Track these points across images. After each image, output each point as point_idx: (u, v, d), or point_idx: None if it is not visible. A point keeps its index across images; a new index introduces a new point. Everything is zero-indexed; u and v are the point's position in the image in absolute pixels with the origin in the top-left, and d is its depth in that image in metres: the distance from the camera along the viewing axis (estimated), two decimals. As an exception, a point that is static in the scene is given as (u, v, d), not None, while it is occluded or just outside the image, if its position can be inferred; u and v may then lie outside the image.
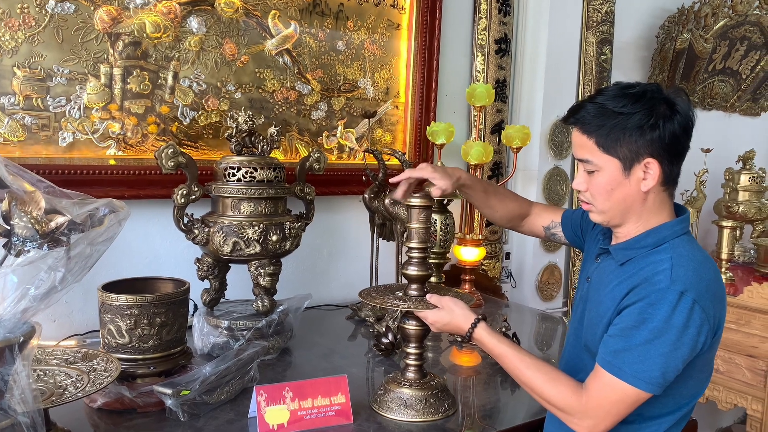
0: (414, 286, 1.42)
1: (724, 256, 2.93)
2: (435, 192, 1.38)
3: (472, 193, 1.52)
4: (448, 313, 1.32)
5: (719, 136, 3.60)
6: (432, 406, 1.40)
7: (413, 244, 1.40)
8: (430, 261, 2.13)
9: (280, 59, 2.13)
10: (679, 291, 1.08)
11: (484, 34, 2.61)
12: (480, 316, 1.30)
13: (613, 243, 1.26)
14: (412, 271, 1.41)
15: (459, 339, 1.93)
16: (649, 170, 1.14)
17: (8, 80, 1.69)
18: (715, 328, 1.12)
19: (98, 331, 1.50)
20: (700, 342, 1.09)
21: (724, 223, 2.98)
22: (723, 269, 2.92)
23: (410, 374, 1.44)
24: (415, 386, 1.42)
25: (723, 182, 3.28)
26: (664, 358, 1.07)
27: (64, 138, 1.79)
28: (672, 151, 1.14)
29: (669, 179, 1.17)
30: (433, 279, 2.05)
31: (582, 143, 1.18)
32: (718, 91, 3.61)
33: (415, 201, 1.38)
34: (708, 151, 3.14)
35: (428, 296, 1.37)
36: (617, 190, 1.17)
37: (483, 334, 1.28)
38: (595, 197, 1.20)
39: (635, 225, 1.20)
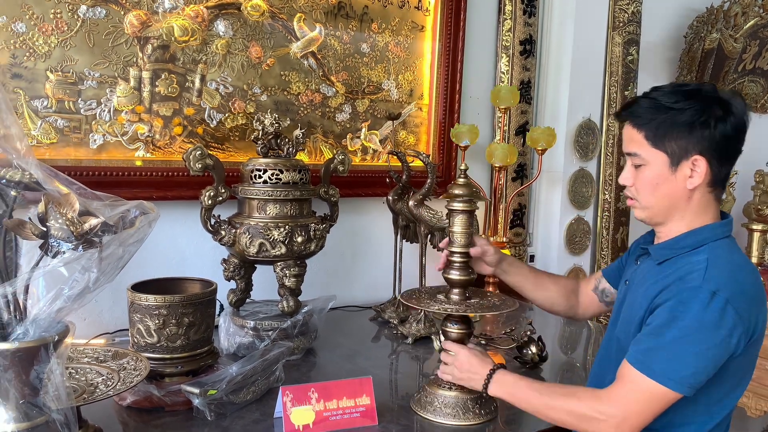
0: (456, 290, 1.42)
1: (754, 259, 2.88)
2: (474, 251, 1.42)
3: (517, 271, 1.52)
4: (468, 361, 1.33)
5: (749, 138, 3.49)
6: (470, 411, 1.39)
7: (455, 249, 1.41)
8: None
9: (305, 62, 2.14)
10: (711, 290, 1.07)
11: (509, 35, 2.59)
12: (495, 367, 1.31)
13: (654, 243, 1.25)
14: (455, 275, 1.41)
15: (483, 342, 1.93)
16: (697, 168, 1.14)
17: (41, 84, 1.73)
18: (751, 331, 1.10)
19: (127, 329, 1.53)
20: (732, 344, 1.07)
21: (754, 227, 2.92)
22: (753, 273, 2.86)
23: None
24: (456, 389, 1.41)
25: (753, 185, 3.22)
26: (695, 357, 1.06)
27: (95, 140, 1.82)
28: (722, 152, 1.14)
29: (716, 180, 1.17)
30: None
31: (632, 137, 1.19)
32: (748, 91, 3.54)
33: (458, 206, 1.39)
34: (737, 152, 3.08)
35: (445, 344, 1.39)
36: (663, 186, 1.17)
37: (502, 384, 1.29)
38: (639, 191, 1.20)
39: (678, 224, 1.19)
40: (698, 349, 1.06)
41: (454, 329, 1.41)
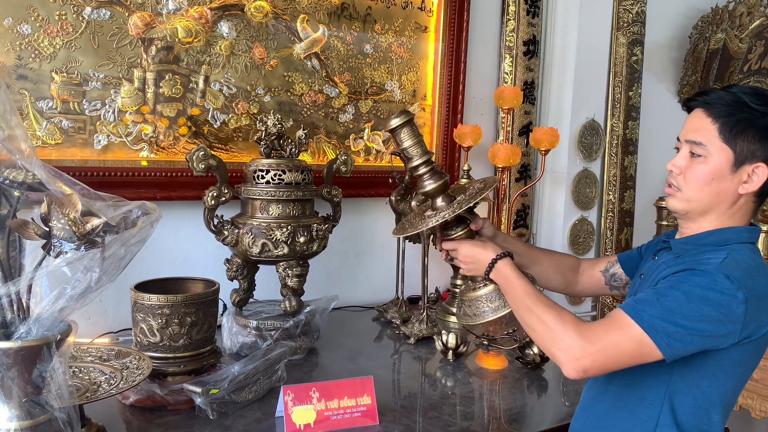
0: (438, 198, 1.35)
1: (759, 260, 2.86)
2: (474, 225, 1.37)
3: (512, 247, 1.45)
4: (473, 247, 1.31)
5: (755, 138, 3.50)
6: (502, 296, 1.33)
7: (416, 162, 1.32)
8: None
9: (309, 63, 2.15)
10: (725, 274, 1.07)
11: (512, 36, 2.59)
12: (504, 253, 1.28)
13: (676, 237, 1.25)
14: (430, 185, 1.33)
15: (485, 342, 1.92)
16: (756, 174, 1.13)
17: (47, 85, 1.74)
18: (750, 331, 1.09)
19: (130, 329, 1.54)
20: (725, 328, 1.07)
21: (761, 227, 2.91)
22: (758, 274, 2.85)
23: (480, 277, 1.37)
24: (490, 283, 1.34)
25: (758, 185, 3.21)
26: (687, 321, 1.06)
27: (99, 141, 1.84)
28: None
29: (764, 191, 1.17)
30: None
31: (702, 126, 1.16)
32: (754, 91, 3.52)
33: (394, 121, 1.31)
34: (743, 153, 3.07)
35: (444, 244, 1.35)
36: (716, 182, 1.15)
37: (506, 269, 1.26)
38: (688, 182, 1.18)
39: (710, 224, 1.18)
40: (692, 315, 1.06)
41: (455, 233, 1.36)
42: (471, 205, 1.32)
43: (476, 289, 1.35)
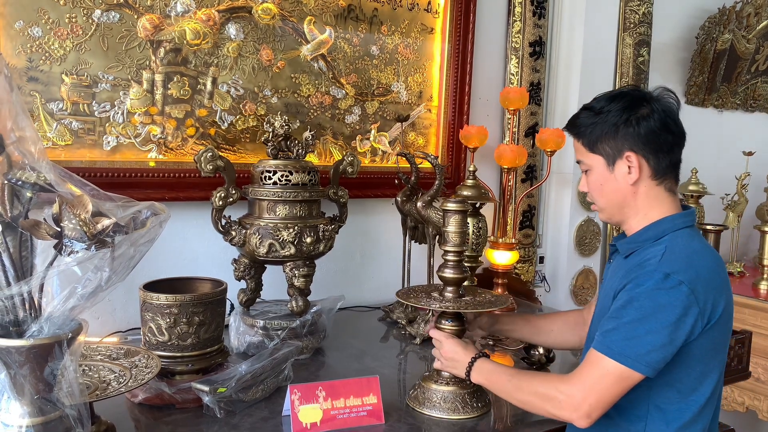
0: (450, 288, 1.46)
1: (766, 261, 2.85)
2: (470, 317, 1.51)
3: (512, 326, 1.58)
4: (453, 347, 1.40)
5: (762, 139, 3.50)
6: (469, 404, 1.42)
7: (449, 248, 1.44)
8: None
9: (315, 64, 2.16)
10: (664, 272, 1.12)
11: (519, 37, 2.60)
12: (479, 354, 1.36)
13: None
14: (448, 273, 1.45)
15: (491, 342, 1.93)
16: (630, 162, 1.21)
17: (57, 87, 1.76)
18: (708, 315, 1.13)
19: (139, 328, 1.55)
20: (687, 324, 1.11)
21: (767, 228, 2.90)
22: (765, 275, 2.84)
23: (446, 372, 1.45)
24: (452, 384, 1.44)
25: (766, 186, 3.19)
26: (651, 335, 1.10)
27: (108, 142, 1.85)
28: (653, 146, 1.21)
29: (658, 173, 1.23)
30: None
31: (576, 147, 1.31)
32: (761, 92, 3.51)
33: (451, 205, 1.42)
34: (750, 154, 3.06)
35: (432, 332, 1.45)
36: (606, 185, 1.26)
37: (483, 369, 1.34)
38: (593, 195, 1.30)
39: (636, 219, 1.26)
40: (653, 328, 1.10)
41: (447, 326, 1.46)
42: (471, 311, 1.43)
43: (438, 382, 1.45)
